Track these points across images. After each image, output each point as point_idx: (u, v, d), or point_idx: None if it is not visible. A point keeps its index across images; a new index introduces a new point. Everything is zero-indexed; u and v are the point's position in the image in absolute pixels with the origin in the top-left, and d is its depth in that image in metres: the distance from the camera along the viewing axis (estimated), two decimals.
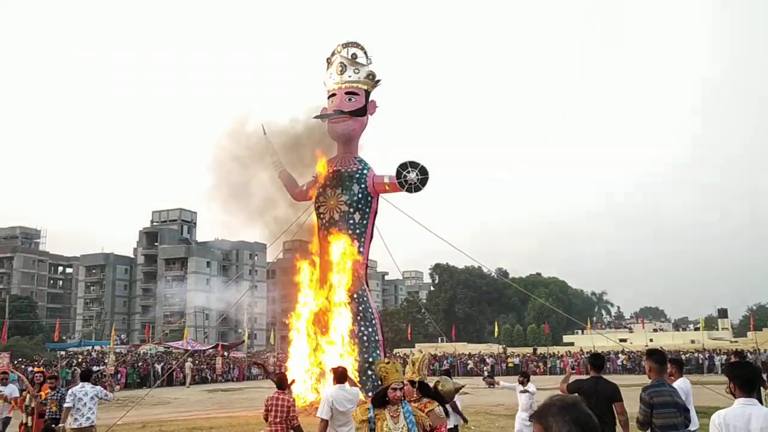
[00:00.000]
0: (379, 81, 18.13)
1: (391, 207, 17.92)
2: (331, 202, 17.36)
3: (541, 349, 48.90)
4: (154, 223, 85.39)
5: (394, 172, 17.50)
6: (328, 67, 18.19)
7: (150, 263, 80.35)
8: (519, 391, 9.60)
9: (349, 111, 17.46)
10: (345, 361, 14.67)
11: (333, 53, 18.15)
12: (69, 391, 9.13)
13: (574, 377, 7.67)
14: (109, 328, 54.03)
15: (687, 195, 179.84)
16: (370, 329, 16.69)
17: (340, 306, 16.06)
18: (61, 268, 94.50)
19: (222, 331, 70.04)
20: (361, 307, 16.69)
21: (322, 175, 17.44)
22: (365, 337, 16.49)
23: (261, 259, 79.64)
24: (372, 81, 18.01)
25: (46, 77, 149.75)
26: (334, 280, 16.36)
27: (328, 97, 18.09)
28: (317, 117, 17.93)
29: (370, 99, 18.03)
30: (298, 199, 18.63)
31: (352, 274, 16.51)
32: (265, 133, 18.97)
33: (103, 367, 30.28)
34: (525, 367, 37.46)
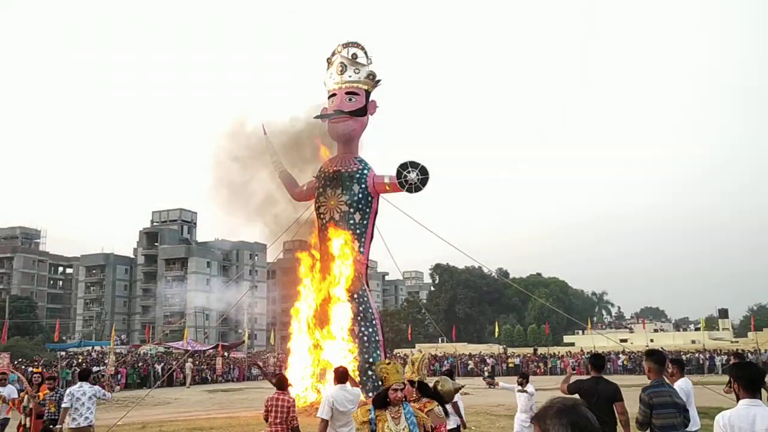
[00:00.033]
0: (379, 81, 18.11)
1: (391, 207, 17.91)
2: (332, 202, 17.33)
3: (541, 350, 48.82)
4: (154, 223, 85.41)
5: (395, 172, 17.45)
6: (328, 67, 18.17)
7: (150, 263, 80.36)
8: (517, 391, 9.57)
9: (350, 111, 17.43)
10: (345, 361, 14.63)
11: (333, 53, 18.13)
12: (67, 391, 9.07)
13: (574, 377, 7.65)
14: (109, 328, 54.04)
15: (687, 195, 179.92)
16: (371, 329, 16.64)
17: (340, 301, 16.03)
18: (61, 269, 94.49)
19: (222, 332, 70.02)
20: (361, 308, 16.64)
21: (325, 159, 17.34)
22: (365, 338, 16.43)
23: (261, 259, 79.63)
24: (372, 81, 17.98)
25: (46, 77, 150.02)
26: (335, 270, 16.34)
27: (329, 97, 18.07)
28: (317, 117, 17.91)
29: (371, 99, 18.00)
30: (298, 199, 18.62)
31: (353, 266, 16.48)
32: (265, 133, 18.98)
33: (103, 367, 30.27)
34: (525, 367, 37.43)
